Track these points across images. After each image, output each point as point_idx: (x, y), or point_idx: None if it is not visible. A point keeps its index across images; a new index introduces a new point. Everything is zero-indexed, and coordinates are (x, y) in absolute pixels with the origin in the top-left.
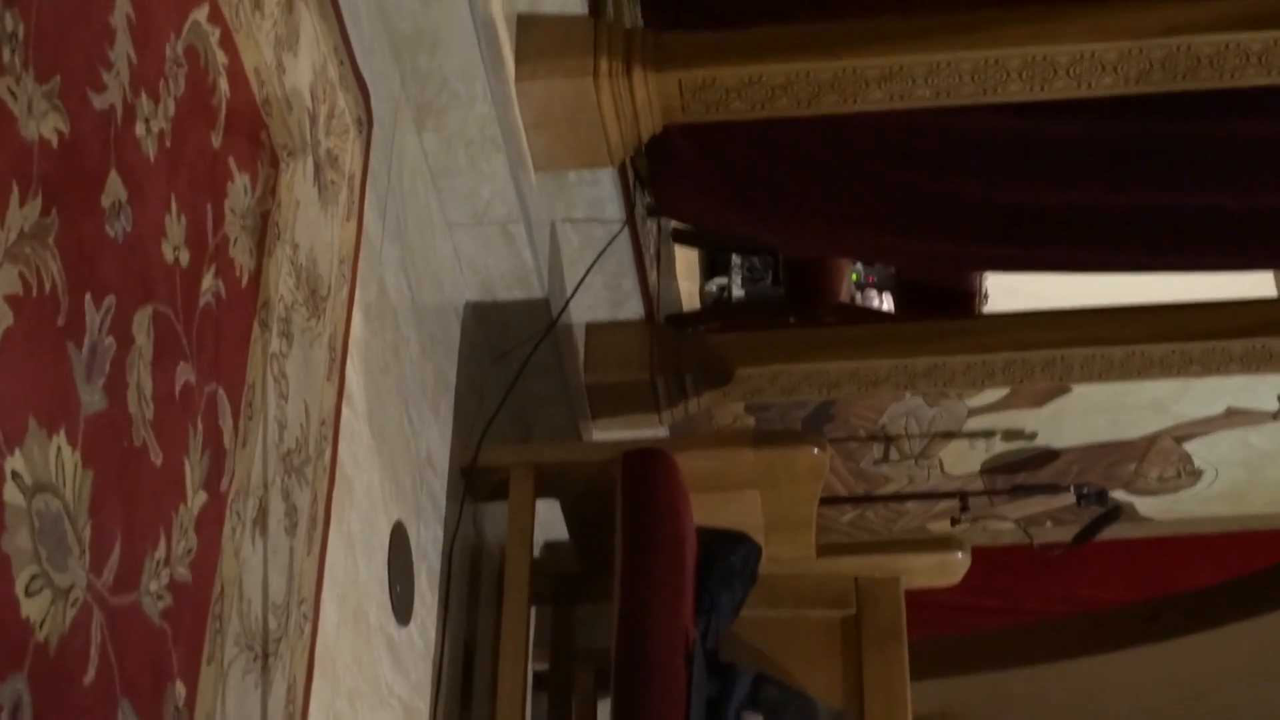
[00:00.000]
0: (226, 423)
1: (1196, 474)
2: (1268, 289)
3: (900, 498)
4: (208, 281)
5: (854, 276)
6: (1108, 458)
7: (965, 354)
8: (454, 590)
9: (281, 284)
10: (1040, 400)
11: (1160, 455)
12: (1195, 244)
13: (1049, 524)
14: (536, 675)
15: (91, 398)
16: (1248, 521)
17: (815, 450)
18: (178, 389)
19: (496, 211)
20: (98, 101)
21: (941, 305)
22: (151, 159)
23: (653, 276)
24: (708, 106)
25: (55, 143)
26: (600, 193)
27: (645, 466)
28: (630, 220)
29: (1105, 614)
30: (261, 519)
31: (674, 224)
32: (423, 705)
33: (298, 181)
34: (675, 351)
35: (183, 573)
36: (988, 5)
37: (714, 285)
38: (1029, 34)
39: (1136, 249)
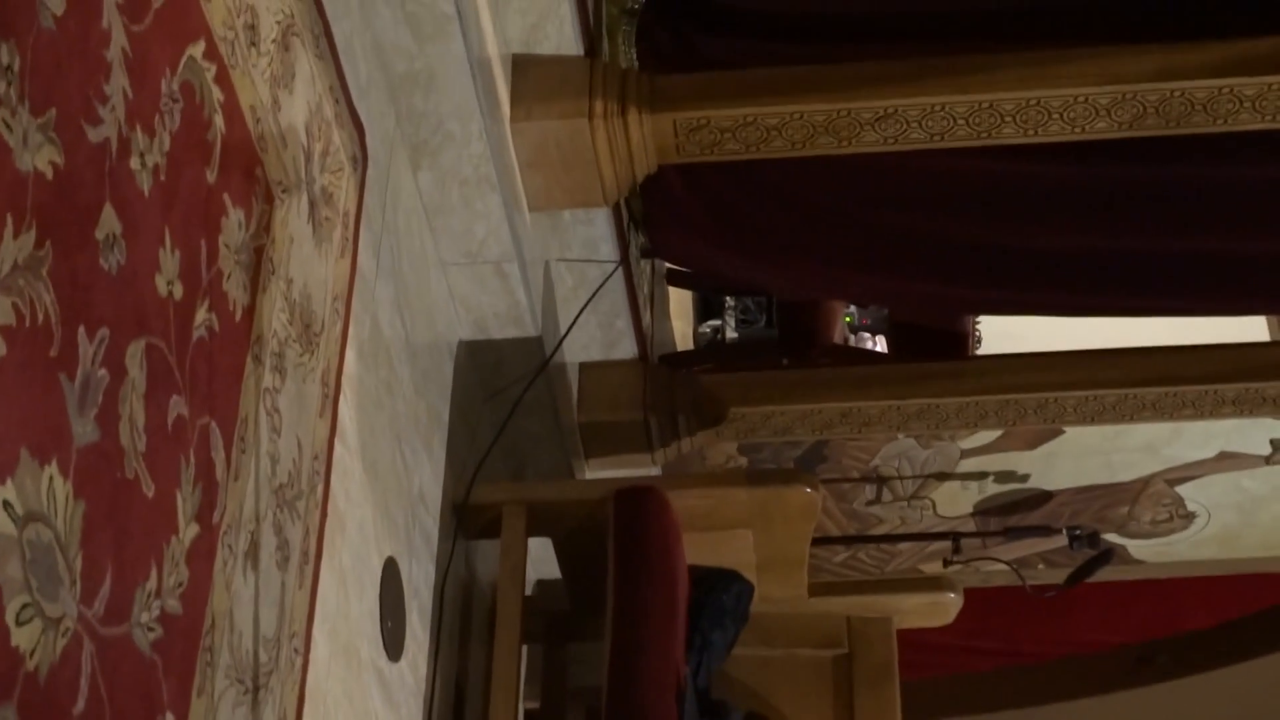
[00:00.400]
0: (219, 456)
1: (1189, 517)
2: (1261, 333)
3: (893, 539)
4: (201, 315)
5: (848, 319)
6: (1100, 500)
7: (958, 396)
8: (445, 627)
9: (275, 319)
10: (1033, 442)
11: (1153, 498)
12: (1188, 288)
13: (1041, 566)
14: (528, 713)
15: (84, 429)
16: (1240, 565)
17: (808, 489)
18: (170, 422)
19: (491, 250)
20: (93, 135)
21: (934, 348)
22: (146, 193)
23: (646, 317)
24: (702, 147)
25: (50, 175)
26: (595, 233)
27: (638, 504)
28: (624, 260)
29: (1097, 656)
30: (253, 552)
31: (668, 265)
32: None
33: (292, 218)
34: (668, 391)
35: (174, 605)
36: (983, 49)
37: (708, 327)
38: (1023, 78)
39: (1129, 293)
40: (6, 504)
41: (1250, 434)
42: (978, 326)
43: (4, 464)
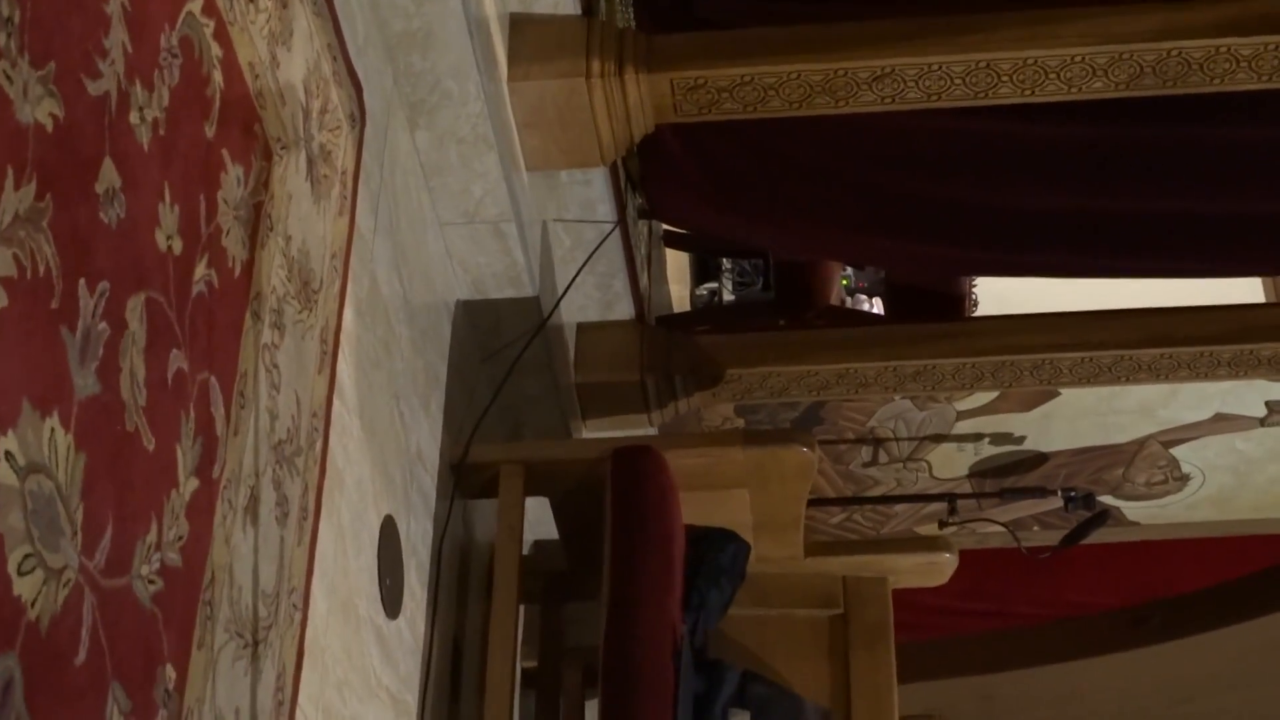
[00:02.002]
0: (218, 411)
1: (1184, 479)
2: (1257, 294)
3: (889, 500)
4: (200, 271)
5: (844, 282)
6: (1095, 462)
7: (954, 357)
8: (443, 586)
9: (274, 276)
10: (1029, 404)
11: (1148, 460)
12: (1185, 249)
13: (1036, 528)
14: (525, 672)
15: (85, 381)
16: (1234, 526)
17: (804, 449)
18: (170, 376)
19: (488, 210)
20: (93, 88)
21: (931, 310)
22: (145, 147)
23: (643, 278)
24: (699, 107)
25: (50, 127)
26: (592, 193)
27: (635, 464)
28: (622, 221)
29: (1091, 618)
30: (252, 507)
31: (665, 227)
32: (411, 699)
33: (290, 175)
34: (665, 352)
35: (174, 558)
36: (979, 8)
37: (704, 289)
38: (1020, 37)
39: (1126, 254)
40: (8, 455)
41: (1245, 396)
42: (974, 288)
43: (6, 415)
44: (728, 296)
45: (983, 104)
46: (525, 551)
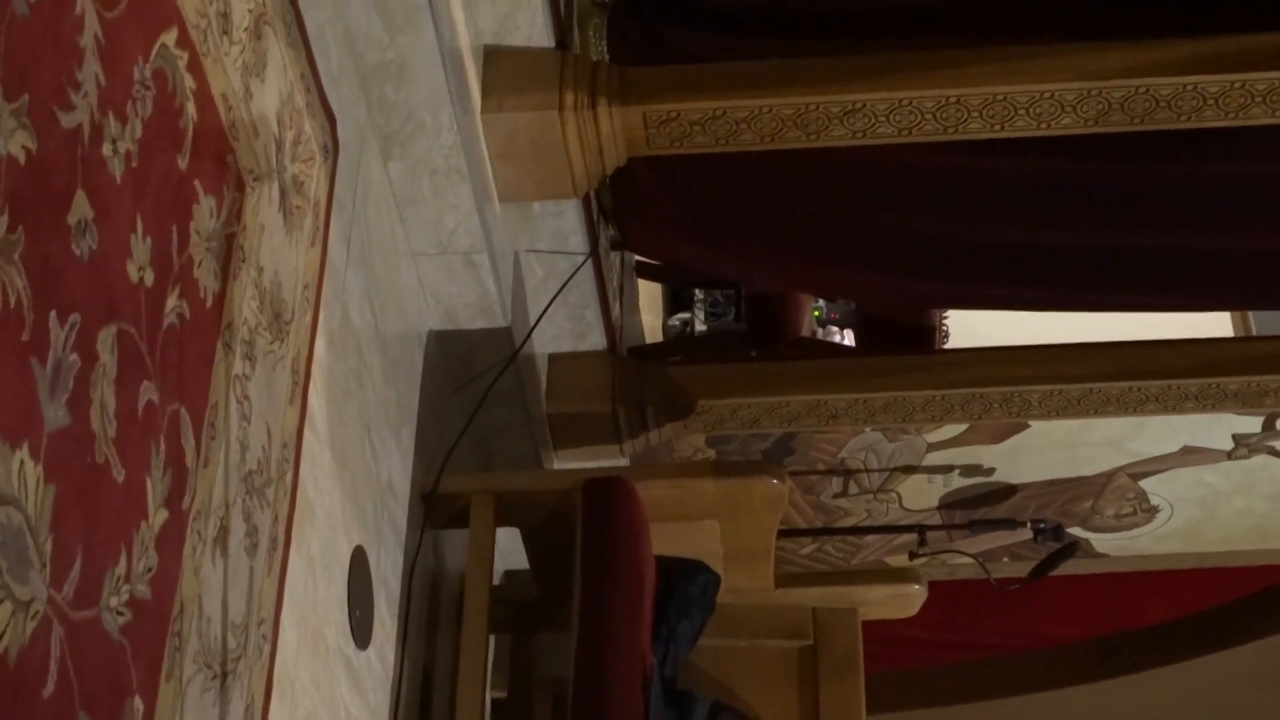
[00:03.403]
0: (189, 442)
1: (1152, 511)
2: (1225, 329)
3: (859, 531)
4: (172, 302)
5: (815, 313)
6: (1065, 494)
7: (925, 389)
8: (413, 616)
9: (245, 307)
10: (998, 436)
11: (1117, 492)
12: (1153, 284)
13: (1006, 559)
14: (494, 703)
15: (55, 413)
16: (1202, 559)
17: (774, 481)
18: (140, 407)
19: (461, 241)
20: (66, 120)
21: (902, 342)
22: (118, 179)
23: (615, 309)
24: (672, 140)
25: (22, 160)
26: (564, 224)
27: (605, 495)
28: (594, 252)
29: (1060, 649)
30: (222, 538)
31: (637, 258)
32: None
33: (263, 206)
34: (637, 383)
35: (143, 590)
36: (950, 44)
37: (677, 320)
38: (990, 73)
39: (1096, 288)
40: None
41: (1213, 429)
42: (945, 321)
43: None
44: (700, 327)
45: (953, 139)
46: (496, 581)
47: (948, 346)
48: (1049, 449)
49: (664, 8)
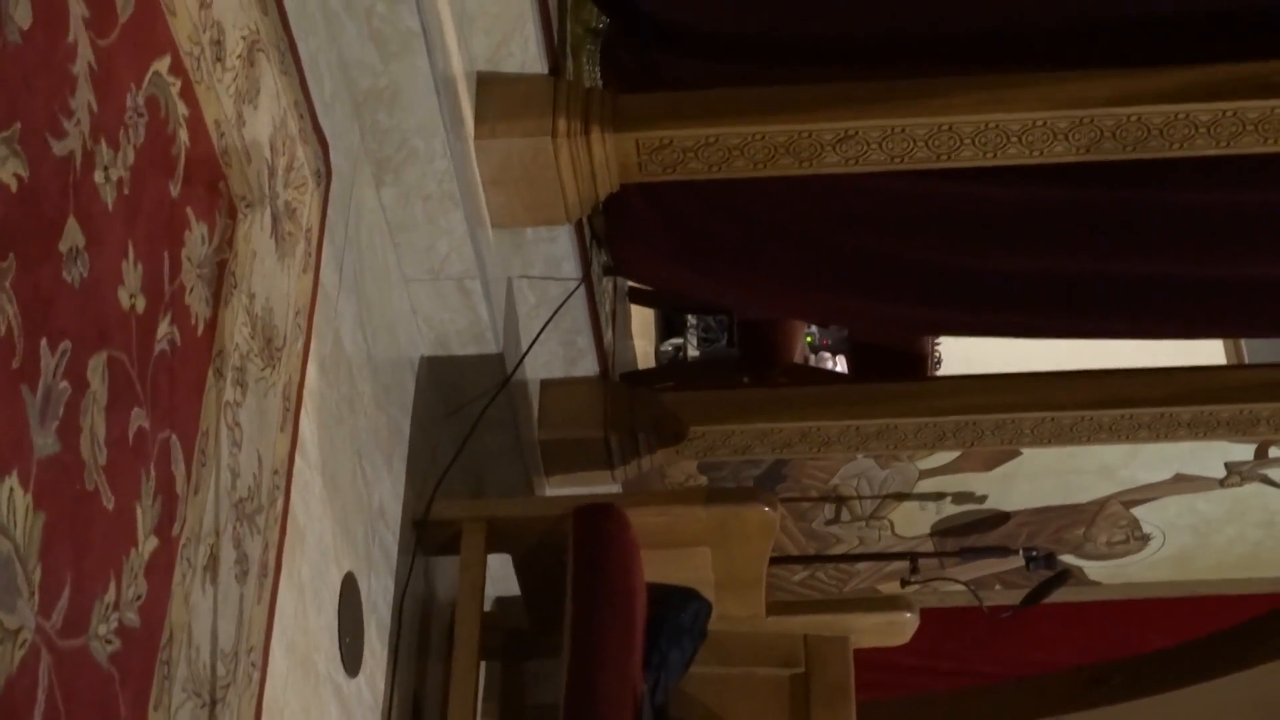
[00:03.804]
0: (179, 469)
1: (1144, 539)
2: (1217, 356)
3: (851, 558)
4: (163, 329)
5: (808, 339)
6: (1057, 521)
7: (917, 416)
8: (404, 643)
9: (237, 333)
10: (991, 463)
11: (1109, 520)
12: (1145, 312)
13: (998, 587)
14: None
15: (45, 441)
16: (1194, 587)
17: (766, 508)
18: (131, 434)
19: (453, 267)
20: (58, 148)
21: (894, 368)
22: (110, 206)
23: (608, 335)
24: (664, 166)
25: (14, 187)
26: (557, 250)
27: (597, 522)
28: (586, 278)
29: (1052, 677)
30: (212, 566)
31: (630, 284)
32: None
33: (255, 232)
34: (629, 409)
35: (132, 618)
36: (942, 72)
37: (669, 346)
38: (982, 101)
39: (1087, 315)
40: None
41: (1205, 457)
42: (937, 348)
43: None
44: (692, 352)
45: (945, 166)
46: (487, 608)
47: (940, 373)
48: (1041, 476)
49: (657, 35)
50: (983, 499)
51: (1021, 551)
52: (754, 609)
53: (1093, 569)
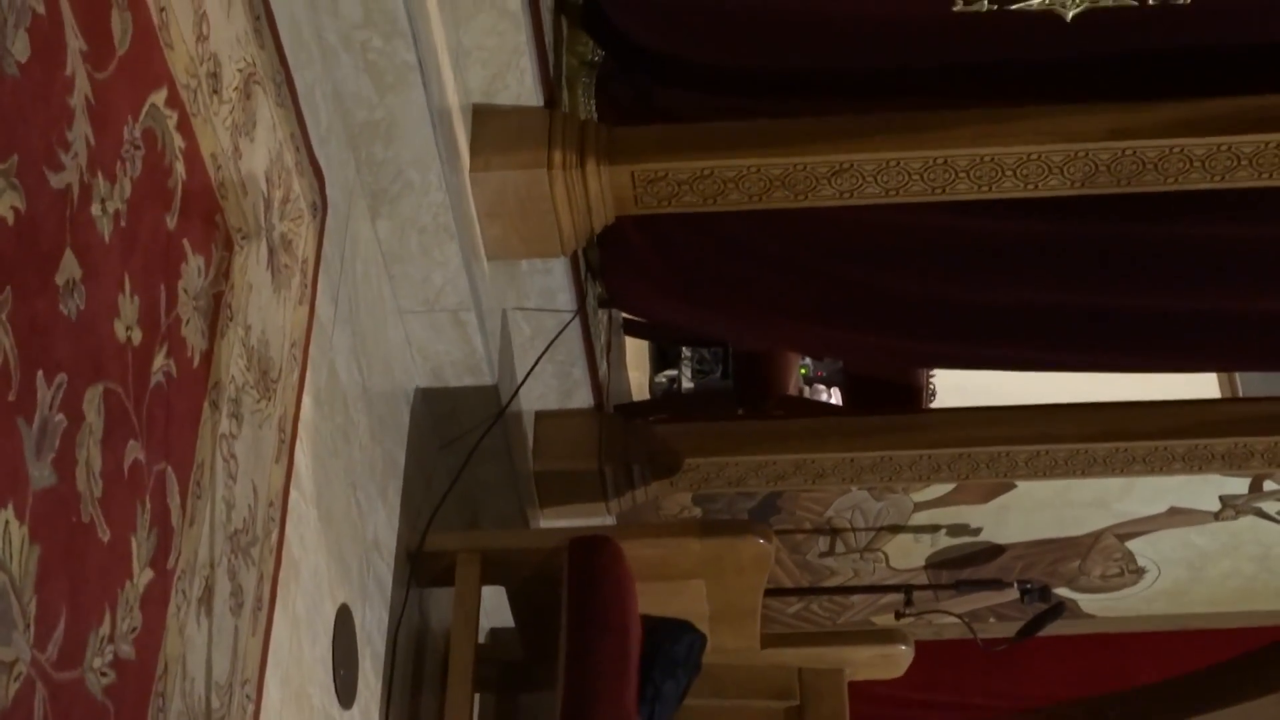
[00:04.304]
0: (174, 501)
1: (1139, 572)
2: (1211, 390)
3: (845, 590)
4: (159, 361)
5: (803, 371)
6: (1052, 554)
7: (912, 449)
8: (398, 675)
9: (233, 365)
10: (985, 496)
11: (1103, 553)
12: (1140, 345)
13: (993, 619)
14: None
15: (41, 473)
16: (1189, 620)
17: (761, 540)
18: (126, 467)
19: (448, 299)
20: (55, 181)
21: (889, 401)
22: (106, 239)
23: (602, 366)
24: (660, 199)
25: (11, 220)
26: (552, 282)
27: (591, 554)
28: (581, 310)
29: (1047, 711)
30: (207, 598)
31: (625, 315)
32: None
33: (251, 265)
34: (623, 441)
35: (127, 650)
36: (937, 106)
37: (663, 377)
38: (977, 134)
39: (1082, 348)
40: None
41: (1200, 490)
42: (931, 380)
43: None
44: (687, 384)
45: (941, 199)
46: (481, 640)
47: (934, 406)
48: (1036, 509)
49: (652, 68)
50: (978, 531)
51: (1016, 584)
52: (749, 641)
53: (1088, 602)
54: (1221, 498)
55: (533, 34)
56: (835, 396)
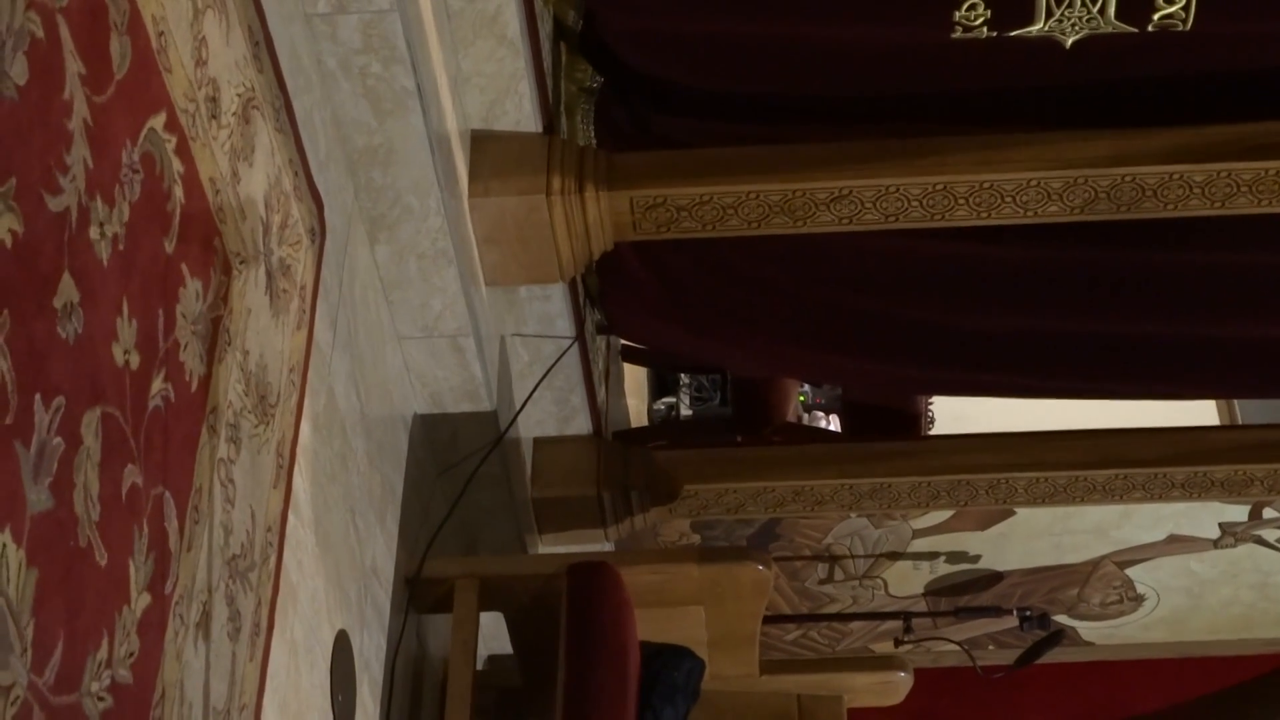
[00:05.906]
0: (172, 525)
1: (1138, 599)
2: (1210, 417)
3: (844, 617)
4: (157, 385)
5: (801, 398)
6: (1051, 581)
7: (911, 475)
8: (396, 701)
9: (231, 390)
10: (984, 523)
11: (1103, 580)
12: (1140, 372)
13: (992, 646)
14: None
15: (38, 497)
16: (1189, 648)
17: (760, 567)
18: (124, 491)
19: (447, 324)
20: (53, 204)
21: (887, 427)
22: (105, 262)
23: (601, 393)
24: (659, 225)
25: (9, 243)
26: (551, 309)
27: (590, 580)
28: (580, 336)
29: None
30: (205, 623)
31: (623, 342)
32: None
33: (250, 289)
34: (622, 467)
35: (124, 674)
36: (937, 132)
37: (662, 405)
38: (977, 161)
39: (1082, 375)
40: None
41: (1199, 517)
42: (930, 407)
43: None
44: (685, 411)
45: (940, 226)
46: (479, 667)
47: (933, 433)
48: (1035, 536)
49: (651, 94)
50: (976, 559)
51: (1015, 611)
52: (747, 668)
53: (1087, 629)
54: (1221, 525)
55: (531, 60)
56: (834, 423)
